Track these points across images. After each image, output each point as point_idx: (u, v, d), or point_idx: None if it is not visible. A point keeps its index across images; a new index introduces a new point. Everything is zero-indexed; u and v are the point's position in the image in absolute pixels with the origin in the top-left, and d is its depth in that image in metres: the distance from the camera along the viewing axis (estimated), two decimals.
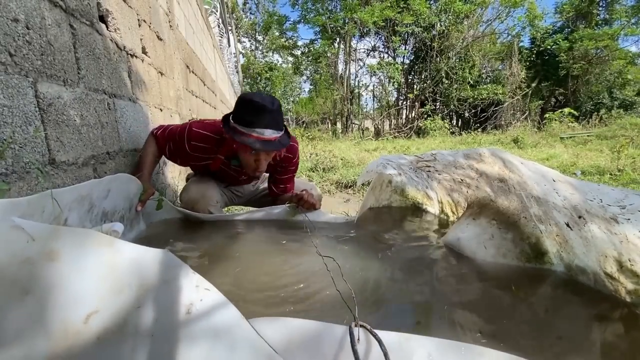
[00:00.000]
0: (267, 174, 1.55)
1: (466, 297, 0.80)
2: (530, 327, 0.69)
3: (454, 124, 12.37)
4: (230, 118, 1.16)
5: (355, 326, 0.49)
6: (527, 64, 12.43)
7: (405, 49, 12.20)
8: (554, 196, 0.86)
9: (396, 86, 12.28)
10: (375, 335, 0.48)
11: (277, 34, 15.32)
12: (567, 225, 0.82)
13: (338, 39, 12.23)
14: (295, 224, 1.27)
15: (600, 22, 12.93)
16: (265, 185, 1.64)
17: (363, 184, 3.20)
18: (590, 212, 0.79)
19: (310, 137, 8.71)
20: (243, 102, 1.12)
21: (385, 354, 0.45)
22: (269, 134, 1.11)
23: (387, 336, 0.48)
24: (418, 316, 0.73)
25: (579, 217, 0.81)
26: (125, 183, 1.03)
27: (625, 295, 0.73)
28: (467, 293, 0.81)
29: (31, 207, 0.55)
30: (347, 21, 11.23)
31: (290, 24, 14.51)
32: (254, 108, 1.09)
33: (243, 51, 18.36)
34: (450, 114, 12.52)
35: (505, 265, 0.90)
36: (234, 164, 1.32)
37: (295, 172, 1.48)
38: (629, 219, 0.72)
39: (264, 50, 17.96)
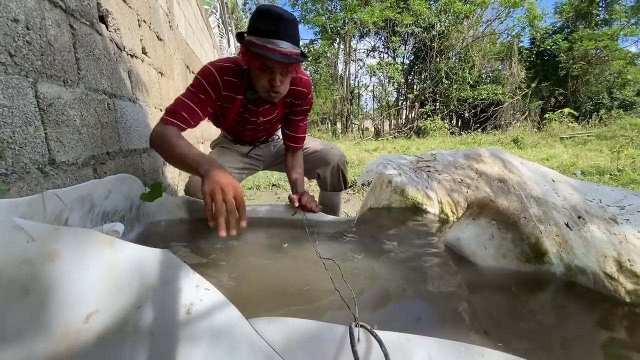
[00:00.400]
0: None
1: (466, 297, 0.80)
2: (531, 327, 0.69)
3: (454, 124, 12.37)
4: (245, 34, 1.08)
5: (356, 326, 0.49)
6: (527, 64, 12.44)
7: (405, 49, 12.21)
8: (554, 196, 0.86)
9: (396, 86, 12.29)
10: (375, 336, 0.48)
11: None
12: (567, 225, 0.82)
13: (338, 39, 12.23)
14: (297, 224, 1.27)
15: (600, 22, 12.93)
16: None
17: (363, 184, 3.20)
18: (590, 212, 0.79)
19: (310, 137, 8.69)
20: (258, 12, 1.04)
21: (386, 355, 0.45)
22: (286, 46, 1.03)
23: (387, 336, 0.48)
24: (418, 316, 0.73)
25: (579, 217, 0.81)
26: (127, 183, 1.03)
27: (625, 296, 0.73)
28: (467, 293, 0.82)
29: (32, 208, 0.55)
30: (347, 21, 11.23)
31: None
32: (269, 17, 1.02)
33: None
34: (450, 114, 12.52)
35: (505, 266, 0.90)
36: (249, 96, 1.25)
37: (308, 112, 1.44)
38: (628, 220, 0.72)
39: None
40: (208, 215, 0.78)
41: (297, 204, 1.30)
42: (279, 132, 1.64)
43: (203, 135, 3.71)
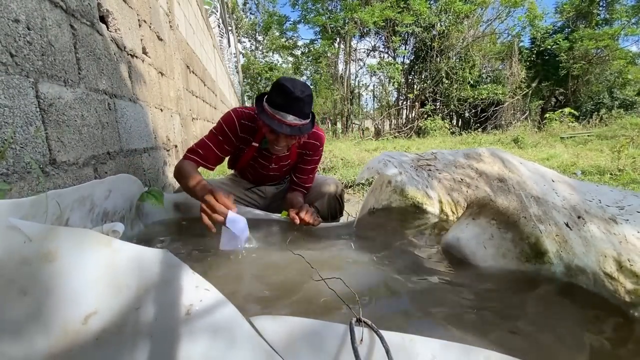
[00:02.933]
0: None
1: (467, 297, 0.80)
2: (532, 327, 0.69)
3: (454, 123, 12.35)
4: (265, 98, 1.24)
5: (357, 322, 0.49)
6: (527, 63, 12.42)
7: (405, 49, 12.18)
8: (553, 196, 0.86)
9: (396, 86, 12.26)
10: (377, 332, 0.47)
11: (277, 34, 15.31)
12: (567, 225, 0.82)
13: (338, 39, 12.21)
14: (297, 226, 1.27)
15: (600, 22, 12.91)
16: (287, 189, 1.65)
17: (363, 183, 3.20)
18: (590, 212, 0.79)
19: None
20: (277, 85, 1.20)
21: (387, 351, 0.45)
22: (291, 119, 1.18)
23: (391, 337, 0.48)
24: (419, 317, 0.73)
25: (578, 217, 0.81)
26: (126, 183, 1.03)
27: (624, 295, 0.73)
28: (468, 293, 0.82)
29: (34, 208, 0.55)
30: (347, 21, 11.21)
31: (290, 24, 14.51)
32: (283, 92, 1.17)
33: (243, 51, 18.38)
34: (451, 114, 12.51)
35: (505, 265, 0.90)
36: (264, 145, 1.39)
37: (317, 164, 1.56)
38: (627, 220, 0.72)
39: (264, 51, 17.97)
40: (205, 222, 1.01)
41: (297, 221, 1.23)
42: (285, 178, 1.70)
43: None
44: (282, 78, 1.20)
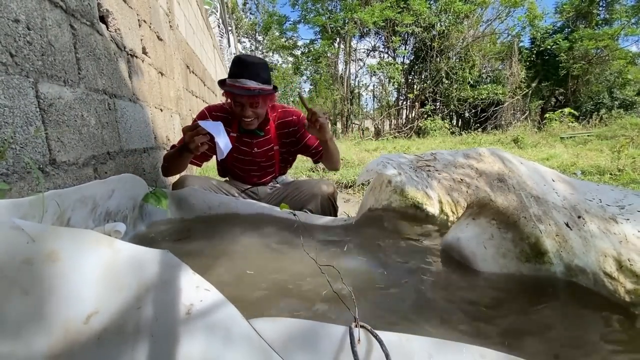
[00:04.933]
0: (289, 181, 1.72)
1: (466, 297, 0.80)
2: (531, 326, 0.69)
3: (454, 124, 12.34)
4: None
5: (356, 327, 0.49)
6: (527, 64, 12.42)
7: (405, 49, 12.18)
8: (554, 196, 0.86)
9: (396, 86, 12.26)
10: (376, 336, 0.47)
11: (277, 34, 15.31)
12: (567, 225, 0.82)
13: (338, 39, 12.21)
14: (296, 225, 1.27)
15: (600, 22, 12.91)
16: (282, 192, 1.66)
17: (363, 184, 3.20)
18: (590, 212, 0.79)
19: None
20: (233, 60, 1.35)
21: (387, 355, 0.45)
22: (249, 83, 1.29)
23: (388, 336, 0.48)
24: (418, 317, 0.73)
25: (579, 217, 0.81)
26: (130, 183, 1.03)
27: (624, 295, 0.73)
28: (467, 293, 0.82)
29: (33, 208, 0.55)
30: (347, 21, 11.21)
31: (290, 24, 14.50)
32: (237, 63, 1.32)
33: (243, 51, 18.37)
34: (451, 114, 12.50)
35: (505, 265, 0.90)
36: (242, 131, 1.48)
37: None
38: (628, 219, 0.72)
39: (264, 51, 17.95)
40: (197, 144, 1.16)
41: (315, 116, 1.32)
42: (280, 179, 1.74)
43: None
44: (238, 54, 1.34)
